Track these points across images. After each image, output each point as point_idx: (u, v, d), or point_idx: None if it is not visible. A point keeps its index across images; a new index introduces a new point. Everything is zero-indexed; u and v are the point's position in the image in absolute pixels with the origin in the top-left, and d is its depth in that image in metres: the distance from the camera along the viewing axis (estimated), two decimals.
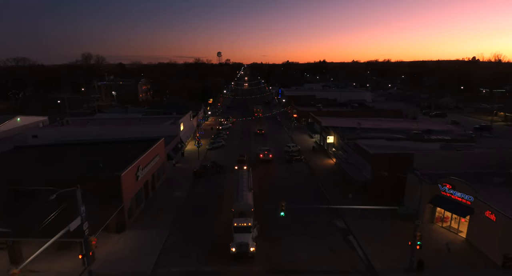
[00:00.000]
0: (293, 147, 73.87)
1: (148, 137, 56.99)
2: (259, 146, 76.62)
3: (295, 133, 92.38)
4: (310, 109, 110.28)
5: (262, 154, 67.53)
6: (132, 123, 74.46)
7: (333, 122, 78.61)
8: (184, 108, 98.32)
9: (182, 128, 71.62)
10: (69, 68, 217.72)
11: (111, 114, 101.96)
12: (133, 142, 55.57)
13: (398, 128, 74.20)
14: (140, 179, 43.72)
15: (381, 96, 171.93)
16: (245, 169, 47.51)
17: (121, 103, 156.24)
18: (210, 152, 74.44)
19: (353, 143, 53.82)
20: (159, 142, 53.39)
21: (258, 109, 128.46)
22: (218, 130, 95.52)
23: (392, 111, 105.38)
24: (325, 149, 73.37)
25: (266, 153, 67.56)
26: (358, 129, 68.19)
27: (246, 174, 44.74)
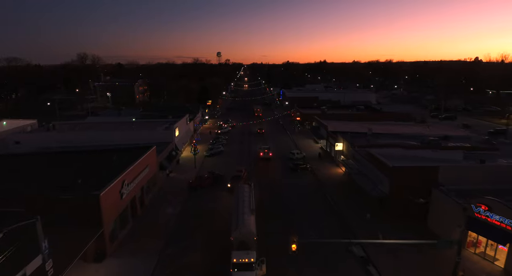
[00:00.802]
0: (298, 154, 68.24)
1: (139, 145, 51.32)
2: None
3: (299, 138, 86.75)
4: (314, 111, 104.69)
5: (262, 152, 68.56)
6: (124, 128, 68.78)
7: (340, 127, 72.97)
8: (180, 110, 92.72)
9: (177, 133, 65.95)
10: (64, 68, 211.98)
11: (103, 117, 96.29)
12: (121, 150, 49.94)
13: (411, 134, 68.70)
14: (126, 196, 38.06)
15: (385, 98, 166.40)
16: (247, 186, 41.75)
17: (117, 105, 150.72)
18: (208, 159, 68.78)
19: (366, 152, 48.17)
20: (149, 151, 47.73)
21: (258, 109, 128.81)
22: (217, 135, 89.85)
23: (401, 114, 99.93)
24: (332, 156, 67.70)
25: (266, 152, 68.62)
26: (369, 135, 62.57)
27: (248, 192, 39.00)
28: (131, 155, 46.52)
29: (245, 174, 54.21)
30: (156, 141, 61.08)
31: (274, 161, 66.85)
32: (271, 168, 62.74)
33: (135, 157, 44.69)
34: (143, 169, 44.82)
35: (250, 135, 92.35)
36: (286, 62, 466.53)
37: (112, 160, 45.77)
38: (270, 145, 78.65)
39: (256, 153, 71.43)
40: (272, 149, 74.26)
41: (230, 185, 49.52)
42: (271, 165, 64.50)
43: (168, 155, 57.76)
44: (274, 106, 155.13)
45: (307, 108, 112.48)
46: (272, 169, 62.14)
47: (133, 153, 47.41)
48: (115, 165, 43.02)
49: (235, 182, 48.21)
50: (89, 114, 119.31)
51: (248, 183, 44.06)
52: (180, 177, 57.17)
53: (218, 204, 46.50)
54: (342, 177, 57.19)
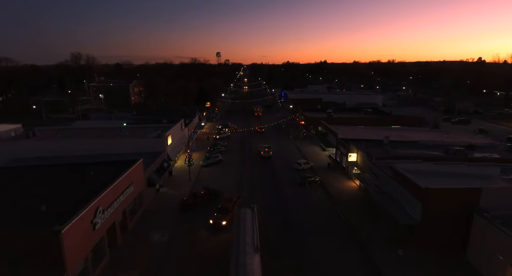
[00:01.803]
0: (305, 164, 61.22)
1: (120, 160, 44.21)
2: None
3: (304, 144, 79.67)
4: (319, 115, 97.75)
5: (263, 151, 69.81)
6: (111, 135, 61.72)
7: (350, 133, 66.02)
8: (176, 114, 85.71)
9: (170, 141, 58.89)
10: (58, 68, 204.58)
11: (92, 122, 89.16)
12: (103, 164, 42.89)
13: (431, 142, 61.76)
14: (101, 226, 30.99)
15: (391, 99, 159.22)
16: (248, 211, 34.58)
17: (111, 107, 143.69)
18: (204, 170, 61.70)
19: (389, 167, 41.13)
20: (134, 165, 40.66)
21: (258, 109, 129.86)
22: (215, 141, 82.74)
23: (414, 118, 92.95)
24: (343, 167, 60.68)
25: (267, 151, 69.80)
26: (386, 145, 55.62)
27: (250, 220, 31.84)
28: (113, 170, 39.63)
29: (236, 203, 42.61)
30: (146, 150, 54.38)
31: (278, 173, 59.82)
32: (274, 181, 55.70)
33: (118, 173, 37.77)
34: (126, 188, 37.77)
35: (251, 138, 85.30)
36: (286, 62, 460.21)
37: (90, 176, 38.80)
38: (273, 154, 71.83)
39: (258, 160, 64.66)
40: (276, 159, 67.61)
41: (212, 221, 39.26)
42: (275, 178, 57.48)
43: (159, 168, 50.70)
44: (275, 108, 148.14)
45: (311, 111, 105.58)
46: (276, 182, 55.08)
47: (116, 168, 40.50)
48: (93, 183, 36.07)
49: (220, 216, 39.44)
50: (80, 117, 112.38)
51: (250, 205, 36.94)
52: (172, 193, 50.06)
53: None
54: (357, 193, 50.15)
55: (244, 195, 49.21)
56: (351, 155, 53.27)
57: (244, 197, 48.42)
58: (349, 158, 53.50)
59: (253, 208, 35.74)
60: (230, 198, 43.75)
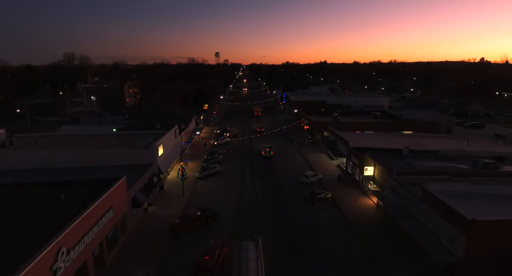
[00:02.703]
0: (313, 176, 54.76)
1: (103, 177, 37.68)
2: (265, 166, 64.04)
3: (309, 152, 73.13)
4: (325, 119, 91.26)
5: (264, 151, 69.88)
6: (97, 143, 55.23)
7: (362, 141, 59.60)
8: (171, 118, 79.16)
9: (161, 152, 52.31)
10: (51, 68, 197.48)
11: (80, 127, 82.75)
12: (80, 183, 36.33)
13: (452, 152, 55.40)
14: (66, 271, 24.41)
15: (396, 101, 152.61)
16: (252, 245, 27.98)
17: (104, 109, 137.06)
18: (200, 183, 55.18)
19: (419, 188, 34.65)
20: (114, 186, 34.06)
21: (258, 109, 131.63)
22: (212, 148, 76.13)
23: (426, 122, 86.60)
24: (356, 180, 54.20)
25: (268, 151, 69.84)
26: (407, 156, 49.24)
27: (254, 260, 25.23)
28: (89, 192, 33.20)
29: (220, 257, 30.95)
30: (134, 162, 47.94)
31: (283, 187, 53.27)
32: (280, 198, 49.18)
33: (95, 195, 31.35)
34: (104, 214, 31.23)
35: (252, 143, 78.82)
36: (286, 62, 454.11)
37: (60, 199, 32.26)
38: (276, 163, 65.50)
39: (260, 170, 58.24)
40: (280, 169, 61.24)
41: None
42: (279, 193, 50.95)
43: (147, 184, 44.11)
44: (276, 111, 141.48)
45: (315, 115, 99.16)
46: (281, 199, 48.56)
47: (94, 188, 34.08)
48: (62, 211, 29.60)
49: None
50: (69, 121, 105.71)
51: (254, 238, 30.33)
52: (162, 213, 43.51)
53: None
54: (376, 213, 43.67)
55: (245, 217, 42.76)
56: (367, 169, 46.77)
57: (245, 219, 42.00)
58: (364, 172, 46.96)
59: (258, 242, 29.16)
60: (214, 248, 31.22)
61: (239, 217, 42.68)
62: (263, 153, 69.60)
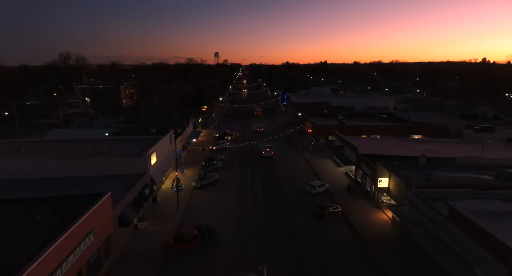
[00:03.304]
0: (320, 186, 50.36)
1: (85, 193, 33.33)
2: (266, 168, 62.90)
3: (313, 157, 68.70)
4: (329, 122, 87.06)
5: (264, 151, 70.10)
6: (86, 150, 50.98)
7: (373, 148, 55.32)
8: (167, 121, 74.87)
9: (154, 160, 47.88)
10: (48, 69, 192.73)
11: (71, 130, 78.40)
12: (59, 199, 31.96)
13: (469, 160, 51.17)
14: None
15: (401, 103, 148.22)
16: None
17: (99, 111, 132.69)
18: (197, 194, 50.81)
19: (448, 207, 30.24)
20: (96, 205, 29.65)
21: (258, 109, 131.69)
22: (211, 154, 71.64)
23: (436, 126, 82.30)
24: (367, 190, 49.84)
25: (268, 151, 70.09)
26: (424, 165, 44.98)
27: None
28: (68, 210, 28.94)
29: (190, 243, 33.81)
30: (124, 172, 43.68)
31: (288, 198, 48.85)
32: (284, 212, 44.81)
33: (75, 215, 27.09)
34: (82, 240, 26.85)
35: (252, 148, 74.42)
36: (286, 62, 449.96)
37: (33, 221, 27.92)
38: (279, 170, 61.23)
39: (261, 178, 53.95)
40: (283, 177, 56.95)
41: None
42: (284, 206, 46.57)
43: (138, 197, 39.72)
44: (277, 112, 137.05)
45: (318, 117, 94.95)
46: (286, 213, 44.18)
47: (73, 206, 29.80)
48: (32, 235, 25.28)
49: None
50: (61, 124, 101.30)
51: (258, 268, 25.91)
52: (154, 230, 39.12)
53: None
54: (392, 230, 39.32)
55: (245, 234, 38.39)
56: (381, 180, 42.36)
57: (245, 237, 37.65)
58: (378, 184, 42.56)
59: (262, 273, 24.76)
60: None
61: (240, 235, 38.31)
62: (264, 153, 69.77)
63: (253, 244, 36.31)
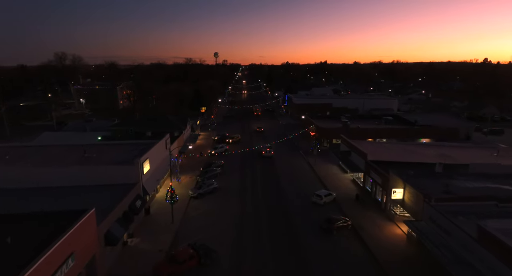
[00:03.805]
0: (326, 196, 46.71)
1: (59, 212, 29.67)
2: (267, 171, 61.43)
3: (318, 162, 65.02)
4: (332, 124, 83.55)
5: (264, 151, 70.68)
6: (75, 156, 47.40)
7: (382, 153, 51.83)
8: (163, 124, 71.30)
9: (147, 168, 44.20)
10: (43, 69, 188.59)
11: (62, 133, 74.62)
12: (36, 217, 28.34)
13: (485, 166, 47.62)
14: None
15: (405, 104, 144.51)
16: None
17: (95, 112, 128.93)
18: (194, 205, 47.15)
19: (477, 227, 26.64)
20: (76, 225, 25.96)
21: (257, 109, 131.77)
22: (209, 159, 67.94)
23: (445, 129, 78.74)
24: (377, 200, 46.24)
25: (268, 150, 70.58)
26: (441, 174, 41.42)
27: None
28: (47, 230, 25.40)
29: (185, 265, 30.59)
30: (113, 181, 40.03)
31: (292, 209, 45.21)
32: (289, 225, 41.21)
33: (53, 236, 23.56)
34: (59, 268, 23.22)
35: (254, 155, 70.80)
36: (286, 63, 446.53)
37: (5, 244, 24.32)
38: (282, 177, 57.69)
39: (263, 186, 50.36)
40: (286, 184, 53.39)
41: None
42: (289, 218, 42.97)
43: (127, 211, 36.08)
44: (278, 114, 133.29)
45: (320, 119, 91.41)
46: (291, 228, 40.58)
47: (53, 225, 26.26)
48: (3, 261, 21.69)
49: None
50: (54, 126, 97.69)
51: None
52: (146, 247, 35.46)
53: None
54: (407, 247, 35.69)
55: (247, 253, 34.77)
56: (395, 191, 38.74)
57: (247, 256, 34.03)
58: (392, 195, 38.92)
59: None
60: None
61: (240, 253, 34.69)
62: (264, 153, 70.12)
63: (256, 264, 32.70)
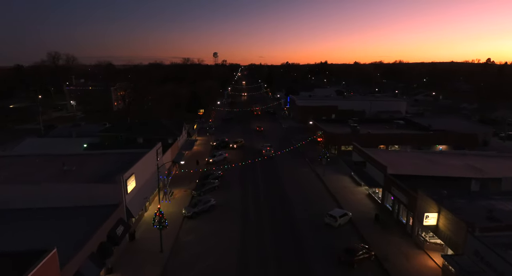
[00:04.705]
0: (342, 217, 40.33)
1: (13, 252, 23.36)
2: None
3: (327, 173, 58.71)
4: (339, 129, 77.52)
5: (264, 150, 70.71)
6: (51, 169, 41.18)
7: (402, 164, 45.70)
8: (157, 130, 65.06)
9: (132, 186, 37.69)
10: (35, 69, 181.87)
11: (47, 140, 68.15)
12: None
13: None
14: None
15: (413, 106, 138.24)
16: None
17: (88, 114, 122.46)
18: (188, 226, 40.78)
19: None
20: (34, 270, 19.66)
21: (257, 108, 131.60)
22: (206, 169, 61.48)
23: (463, 135, 72.37)
24: (401, 222, 39.94)
25: (268, 149, 70.75)
26: (477, 193, 35.18)
27: None
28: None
29: None
30: (93, 202, 33.78)
31: (303, 233, 38.82)
32: (300, 256, 34.90)
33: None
34: None
35: (255, 165, 64.47)
36: (286, 63, 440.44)
37: None
38: (288, 191, 51.41)
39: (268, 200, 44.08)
40: (295, 202, 47.13)
41: None
42: (299, 245, 36.65)
43: (105, 243, 29.73)
44: (280, 116, 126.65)
45: (326, 123, 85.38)
46: (303, 259, 34.27)
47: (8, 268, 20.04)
48: None
49: None
50: (42, 130, 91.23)
51: None
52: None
53: None
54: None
55: None
56: (428, 217, 32.34)
57: None
58: (424, 221, 32.47)
59: None
60: None
61: None
62: (264, 151, 70.43)
63: None
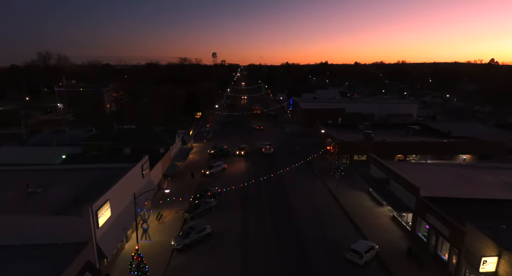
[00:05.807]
0: (367, 251, 32.69)
1: None
2: None
3: (340, 188, 51.25)
4: (349, 134, 70.22)
5: (264, 148, 71.66)
6: (15, 191, 33.69)
7: (435, 183, 38.28)
8: (147, 139, 57.60)
9: (107, 215, 30.14)
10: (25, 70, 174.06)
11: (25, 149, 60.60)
12: None
13: None
14: None
15: (423, 109, 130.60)
16: None
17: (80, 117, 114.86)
18: (177, 263, 33.18)
19: None
20: None
21: (257, 107, 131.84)
22: (202, 181, 53.91)
23: (487, 143, 64.68)
24: (439, 257, 32.42)
25: (268, 147, 71.65)
26: None
27: None
28: None
29: None
30: (54, 239, 26.33)
31: (319, 274, 31.39)
32: None
33: None
34: None
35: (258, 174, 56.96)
36: (286, 63, 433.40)
37: None
38: (298, 214, 43.93)
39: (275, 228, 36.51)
40: (307, 229, 39.72)
41: None
42: None
43: None
44: (282, 119, 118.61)
45: (333, 128, 78.04)
46: None
47: None
48: None
49: None
50: (25, 135, 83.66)
51: None
52: None
53: None
54: None
55: None
56: (486, 262, 24.85)
57: None
58: (481, 267, 24.99)
59: None
60: None
61: None
62: (264, 150, 71.36)
63: None
